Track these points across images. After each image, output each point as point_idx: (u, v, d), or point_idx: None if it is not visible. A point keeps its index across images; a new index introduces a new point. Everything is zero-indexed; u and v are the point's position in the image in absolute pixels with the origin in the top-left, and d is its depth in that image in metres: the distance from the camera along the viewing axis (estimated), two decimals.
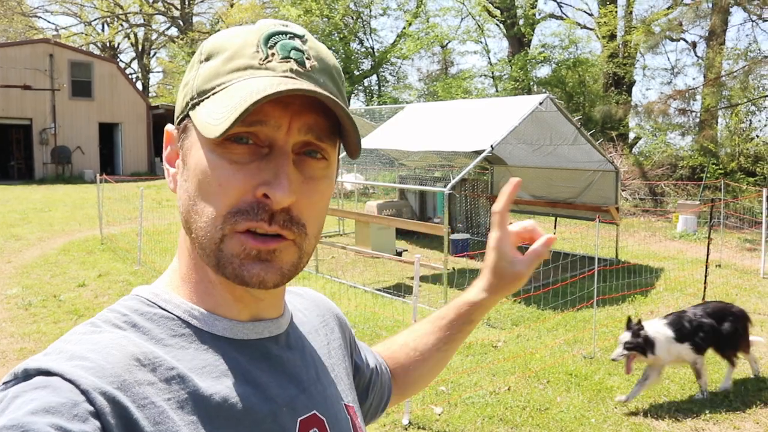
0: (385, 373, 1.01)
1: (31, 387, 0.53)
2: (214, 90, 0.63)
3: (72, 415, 0.51)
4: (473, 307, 1.00)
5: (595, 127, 17.87)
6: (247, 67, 0.62)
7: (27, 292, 7.12)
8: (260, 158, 0.62)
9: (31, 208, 14.67)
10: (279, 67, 0.62)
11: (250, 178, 0.61)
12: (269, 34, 0.64)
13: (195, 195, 0.64)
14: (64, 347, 0.59)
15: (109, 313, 0.66)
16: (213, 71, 0.64)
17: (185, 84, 0.67)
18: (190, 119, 0.65)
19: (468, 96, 22.06)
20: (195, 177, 0.64)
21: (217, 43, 0.66)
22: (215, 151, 0.62)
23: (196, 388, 0.61)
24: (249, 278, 0.62)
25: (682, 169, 16.77)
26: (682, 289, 7.65)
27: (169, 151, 0.71)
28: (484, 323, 6.18)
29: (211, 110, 0.61)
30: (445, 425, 4.05)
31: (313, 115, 0.63)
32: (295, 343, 0.76)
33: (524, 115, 7.56)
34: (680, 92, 16.46)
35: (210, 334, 0.67)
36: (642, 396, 4.52)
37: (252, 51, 0.63)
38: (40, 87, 22.67)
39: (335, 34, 25.65)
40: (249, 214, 0.61)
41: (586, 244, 10.31)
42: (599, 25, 21.09)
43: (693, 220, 12.19)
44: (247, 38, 0.64)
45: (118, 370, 0.57)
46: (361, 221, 9.31)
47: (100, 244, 9.99)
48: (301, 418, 0.69)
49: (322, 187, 0.67)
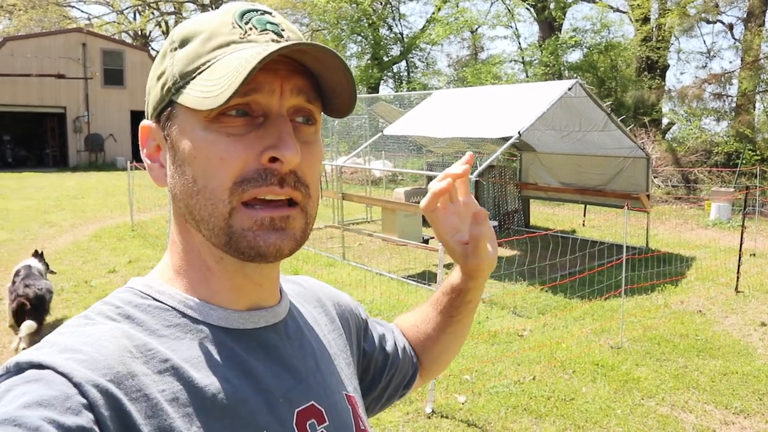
0: (408, 354, 1.00)
1: (23, 380, 0.53)
2: (199, 69, 0.62)
3: (65, 408, 0.51)
4: (462, 291, 0.94)
5: (627, 113, 17.52)
6: (229, 43, 0.63)
7: (59, 277, 7.28)
8: (257, 128, 0.62)
9: (64, 195, 15.00)
10: (260, 39, 0.63)
11: (252, 147, 0.62)
12: (242, 12, 0.65)
13: (195, 177, 0.63)
14: (57, 340, 0.59)
15: (102, 306, 0.66)
16: (193, 53, 0.63)
17: (160, 74, 0.66)
18: (173, 107, 0.65)
19: (498, 82, 21.79)
20: (192, 159, 0.63)
21: (188, 29, 0.65)
22: (210, 128, 0.62)
23: (190, 380, 0.61)
24: (266, 248, 0.62)
25: (717, 156, 16.35)
26: (714, 279, 7.49)
27: (149, 147, 0.70)
28: (510, 312, 6.14)
29: (203, 86, 0.61)
30: (469, 414, 4.04)
31: (300, 77, 0.64)
32: (293, 332, 0.75)
33: (553, 101, 7.44)
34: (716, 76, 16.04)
35: (205, 323, 0.66)
36: (670, 387, 4.45)
37: (229, 28, 0.63)
38: (74, 76, 23.09)
39: (364, 20, 25.55)
40: (257, 181, 0.61)
41: (616, 232, 10.15)
42: (632, 8, 20.59)
43: (727, 207, 11.89)
44: (222, 18, 0.64)
45: (111, 362, 0.57)
46: (388, 208, 9.30)
47: (130, 231, 10.16)
48: (298, 409, 0.69)
49: (316, 150, 0.67)
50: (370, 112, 13.21)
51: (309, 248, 9.03)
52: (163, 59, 0.66)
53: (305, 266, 7.91)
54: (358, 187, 15.36)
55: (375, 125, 13.46)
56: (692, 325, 5.81)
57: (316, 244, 9.39)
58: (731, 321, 5.99)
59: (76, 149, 23.48)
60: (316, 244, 9.39)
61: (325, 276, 7.43)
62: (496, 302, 6.43)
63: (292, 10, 27.88)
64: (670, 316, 6.05)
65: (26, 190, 15.72)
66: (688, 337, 5.49)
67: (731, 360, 4.99)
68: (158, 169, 0.69)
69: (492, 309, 6.21)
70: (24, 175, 20.05)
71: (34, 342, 3.50)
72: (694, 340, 5.42)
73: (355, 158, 11.30)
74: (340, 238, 8.72)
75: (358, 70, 26.93)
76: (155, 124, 0.68)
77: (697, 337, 5.47)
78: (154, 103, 0.67)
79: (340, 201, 8.95)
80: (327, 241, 9.71)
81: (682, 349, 5.21)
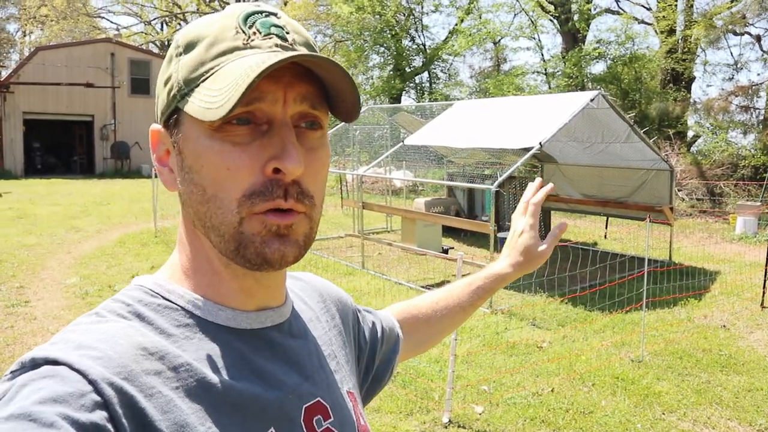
0: (392, 336, 1.02)
1: (39, 376, 0.54)
2: (203, 77, 0.62)
3: (79, 404, 0.52)
4: (498, 279, 1.14)
5: (651, 125, 17.33)
6: (233, 50, 0.62)
7: (84, 281, 7.41)
8: (261, 136, 0.62)
9: (91, 201, 15.26)
10: (264, 44, 0.63)
11: (257, 157, 0.62)
12: (246, 15, 0.64)
13: (204, 185, 0.63)
14: (71, 337, 0.59)
15: (113, 303, 0.66)
16: (197, 59, 0.63)
17: (166, 80, 0.66)
18: (179, 113, 0.65)
19: (520, 93, 21.72)
20: (200, 167, 0.63)
21: (193, 33, 0.65)
22: (215, 137, 0.62)
23: (202, 378, 0.62)
24: (271, 255, 0.63)
25: (744, 169, 16.08)
26: (739, 294, 7.35)
27: (159, 151, 0.70)
28: (529, 323, 6.09)
29: (206, 95, 0.61)
30: (486, 425, 4.01)
31: (304, 84, 0.63)
32: (297, 330, 0.76)
33: (575, 112, 7.40)
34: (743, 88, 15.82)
35: (213, 324, 0.67)
36: (692, 402, 4.38)
37: (233, 33, 0.63)
38: (102, 85, 23.54)
39: (387, 31, 25.66)
40: (265, 195, 0.61)
41: (638, 244, 10.03)
42: (658, 20, 20.41)
43: (753, 221, 11.68)
44: (225, 23, 0.64)
45: (125, 359, 0.58)
46: (408, 218, 9.31)
47: (153, 237, 10.31)
48: (306, 405, 0.70)
49: (322, 156, 0.67)
50: (392, 122, 13.25)
51: (329, 257, 9.07)
52: (169, 64, 0.67)
53: (325, 274, 7.93)
54: (378, 196, 15.39)
55: (396, 135, 13.49)
56: (716, 339, 5.71)
57: (336, 253, 9.42)
58: (756, 336, 5.87)
59: (102, 157, 23.89)
60: (336, 253, 9.42)
61: (344, 285, 7.45)
62: (515, 313, 6.39)
63: (316, 21, 28.16)
64: (693, 331, 5.95)
65: (54, 196, 16.03)
66: (712, 352, 5.40)
67: (756, 376, 4.89)
68: (168, 173, 0.69)
69: (511, 320, 6.17)
70: (52, 181, 20.45)
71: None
72: (718, 355, 5.33)
73: (376, 168, 11.34)
74: (359, 247, 8.74)
75: (380, 80, 27.03)
76: (164, 128, 0.68)
77: (720, 353, 5.38)
78: (162, 107, 0.68)
79: (360, 210, 8.98)
80: (347, 250, 9.74)
81: (705, 364, 5.12)
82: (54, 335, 0.62)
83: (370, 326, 0.98)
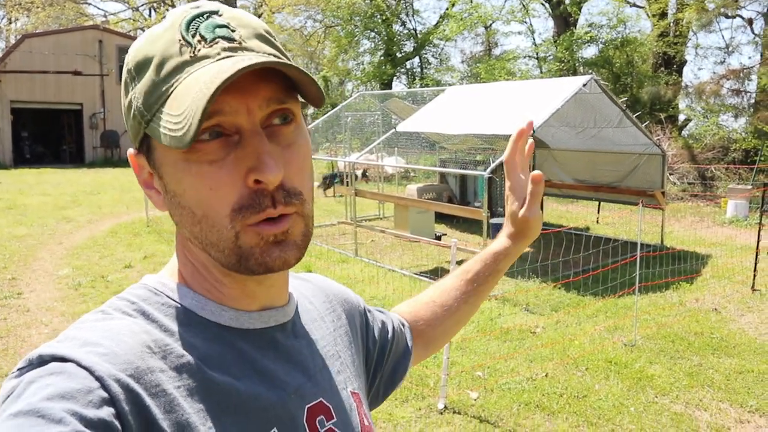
0: (403, 337, 1.01)
1: (47, 372, 0.54)
2: (160, 100, 0.60)
3: (87, 401, 0.52)
4: (499, 257, 1.07)
5: (643, 109, 17.35)
6: (182, 65, 0.60)
7: (77, 272, 7.37)
8: (234, 147, 0.61)
9: (81, 191, 15.16)
10: (212, 52, 0.60)
11: (235, 171, 0.61)
12: (187, 22, 0.62)
13: (191, 208, 0.63)
14: (77, 334, 0.60)
15: (118, 301, 0.67)
16: (149, 84, 0.61)
17: (128, 106, 0.65)
18: (149, 138, 0.64)
19: (511, 78, 21.64)
20: (183, 191, 0.63)
21: (140, 54, 0.63)
22: (190, 159, 0.61)
23: (204, 377, 0.62)
24: (272, 262, 0.63)
25: (735, 153, 16.15)
26: (730, 277, 7.41)
27: (143, 175, 0.69)
28: (523, 308, 6.12)
29: (168, 122, 0.59)
30: (481, 410, 4.04)
31: (266, 84, 0.61)
32: (301, 330, 0.76)
33: (567, 97, 7.39)
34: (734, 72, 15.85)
35: (216, 324, 0.68)
36: (684, 385, 4.42)
37: (177, 48, 0.61)
38: (90, 72, 23.31)
39: (377, 16, 25.51)
40: (254, 207, 0.61)
41: (630, 229, 10.08)
42: (649, 3, 20.35)
43: (744, 204, 11.75)
44: (168, 36, 0.62)
45: (131, 357, 0.58)
46: (401, 205, 9.30)
47: (146, 227, 10.26)
48: (308, 405, 0.70)
49: (301, 149, 0.66)
50: (383, 108, 13.20)
51: (322, 245, 9.06)
52: (127, 90, 0.65)
53: (318, 262, 7.94)
54: (370, 183, 15.36)
55: (388, 122, 13.44)
56: (707, 323, 5.76)
57: (329, 241, 9.42)
58: (747, 319, 5.93)
59: (92, 145, 23.71)
60: (329, 241, 9.42)
61: (337, 272, 7.46)
62: (508, 299, 6.42)
63: (306, 6, 27.93)
64: (685, 314, 6.00)
65: (43, 186, 15.91)
66: (703, 335, 5.45)
67: (747, 358, 4.94)
68: (156, 195, 0.68)
69: (504, 306, 6.20)
70: (41, 171, 20.30)
71: None
72: (709, 338, 5.38)
73: (368, 155, 11.30)
74: (352, 235, 8.74)
75: (371, 66, 26.91)
76: (139, 154, 0.67)
77: (712, 335, 5.43)
78: (133, 133, 0.66)
79: (352, 197, 8.96)
80: (339, 238, 9.73)
81: (697, 347, 5.17)
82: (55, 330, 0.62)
83: (380, 326, 0.97)
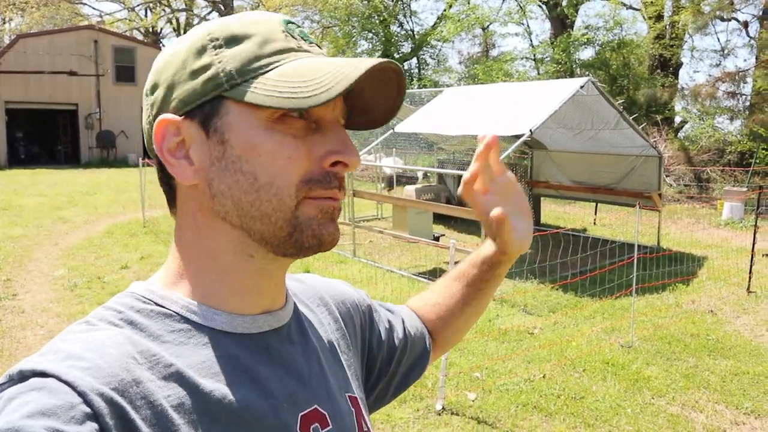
0: (421, 338, 0.99)
1: (27, 389, 0.52)
2: (261, 70, 0.63)
3: (69, 417, 0.51)
4: (492, 266, 0.98)
5: (639, 111, 17.40)
6: (289, 50, 0.65)
7: (73, 273, 7.35)
8: (313, 132, 0.66)
9: (77, 191, 15.11)
10: (313, 50, 0.68)
11: (315, 150, 0.65)
12: (285, 22, 0.68)
13: (256, 174, 0.63)
14: (60, 347, 0.58)
15: (104, 311, 0.64)
16: (250, 53, 0.63)
17: (198, 69, 0.64)
18: (219, 103, 0.63)
19: (509, 79, 21.69)
20: (256, 156, 0.63)
21: (234, 28, 0.65)
22: (274, 128, 0.63)
23: (194, 385, 0.61)
24: (327, 237, 0.66)
25: (730, 155, 16.22)
26: (726, 279, 7.44)
27: (169, 143, 0.66)
28: (521, 310, 6.13)
29: (277, 86, 0.62)
30: (479, 411, 4.04)
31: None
32: (296, 335, 0.75)
33: (565, 99, 7.41)
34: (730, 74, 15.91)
35: (209, 328, 0.66)
36: (680, 387, 4.44)
37: (283, 36, 0.66)
38: (86, 73, 23.22)
39: (375, 17, 25.53)
40: (323, 183, 0.65)
41: (627, 230, 10.10)
42: (645, 6, 20.45)
43: (740, 207, 11.80)
44: (270, 25, 0.66)
45: (115, 369, 0.56)
46: (399, 205, 9.30)
47: (142, 227, 10.24)
48: (302, 413, 0.69)
49: None
50: None
51: None
52: (199, 55, 0.64)
53: (316, 263, 7.94)
54: (369, 184, 15.37)
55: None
56: (703, 324, 5.78)
57: None
58: (743, 321, 5.95)
59: (87, 146, 23.61)
60: None
61: (335, 273, 7.45)
62: (506, 300, 6.42)
63: (303, 6, 27.92)
64: (681, 316, 6.02)
65: (39, 187, 15.86)
66: (699, 336, 5.46)
67: (742, 360, 4.96)
68: (186, 165, 0.66)
69: (502, 307, 6.21)
70: (36, 171, 20.22)
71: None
72: (705, 339, 5.40)
73: (366, 155, 11.30)
74: (350, 235, 8.73)
75: None
76: (184, 119, 0.65)
77: (708, 337, 5.45)
78: (184, 97, 0.64)
79: (351, 198, 8.96)
80: None
81: (693, 348, 5.19)
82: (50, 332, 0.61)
83: (387, 327, 0.95)
